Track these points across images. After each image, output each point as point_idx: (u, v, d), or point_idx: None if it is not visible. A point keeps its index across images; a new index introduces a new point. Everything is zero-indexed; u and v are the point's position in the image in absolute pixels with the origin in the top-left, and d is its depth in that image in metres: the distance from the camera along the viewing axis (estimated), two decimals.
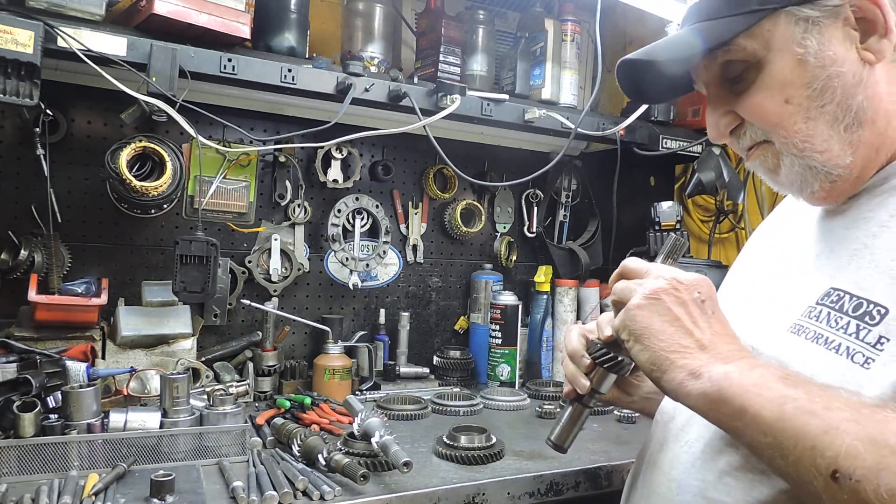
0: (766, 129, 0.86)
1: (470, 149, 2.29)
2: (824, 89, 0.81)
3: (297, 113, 1.95)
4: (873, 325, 0.73)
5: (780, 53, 0.82)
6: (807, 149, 0.83)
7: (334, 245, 2.06)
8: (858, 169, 0.83)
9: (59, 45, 1.33)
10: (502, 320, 2.11)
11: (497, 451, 1.42)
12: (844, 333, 0.75)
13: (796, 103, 0.82)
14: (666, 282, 0.83)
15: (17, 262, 1.62)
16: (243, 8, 1.54)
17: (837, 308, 0.78)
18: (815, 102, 0.81)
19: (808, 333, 0.79)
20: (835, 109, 0.81)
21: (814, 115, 0.82)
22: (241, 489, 1.13)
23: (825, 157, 0.82)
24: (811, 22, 0.80)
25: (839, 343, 0.75)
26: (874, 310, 0.74)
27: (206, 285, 1.59)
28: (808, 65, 0.81)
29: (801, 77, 0.81)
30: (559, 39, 2.12)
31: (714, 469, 0.85)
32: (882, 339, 0.72)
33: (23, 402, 1.23)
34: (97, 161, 1.69)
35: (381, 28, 1.91)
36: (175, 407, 1.35)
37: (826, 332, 0.77)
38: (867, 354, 0.72)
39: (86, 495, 1.10)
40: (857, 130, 0.81)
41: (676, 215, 2.19)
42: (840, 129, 0.81)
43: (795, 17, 0.81)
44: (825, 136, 0.82)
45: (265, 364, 1.83)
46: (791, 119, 0.83)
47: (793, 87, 0.82)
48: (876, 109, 0.81)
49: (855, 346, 0.74)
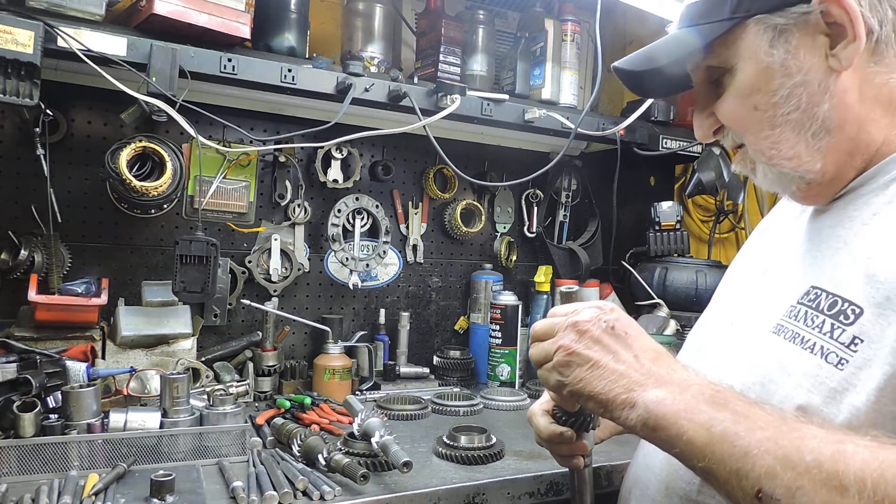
0: (738, 134, 0.89)
1: (470, 149, 2.29)
2: (790, 97, 0.82)
3: (297, 113, 1.95)
4: (847, 324, 0.74)
5: (749, 61, 0.84)
6: (774, 156, 0.85)
7: (334, 245, 2.06)
8: (832, 173, 0.84)
9: (59, 45, 1.33)
10: (502, 320, 2.11)
11: (497, 451, 1.42)
12: (819, 332, 0.76)
13: (763, 110, 0.84)
14: (572, 332, 0.83)
15: (17, 262, 1.62)
16: (243, 8, 1.54)
17: (814, 307, 0.78)
18: (780, 110, 0.82)
19: (787, 333, 0.80)
20: (800, 117, 0.82)
21: (780, 122, 0.83)
22: (241, 489, 1.13)
23: (794, 163, 0.84)
24: (779, 30, 0.81)
25: (814, 342, 0.76)
26: (849, 309, 0.74)
27: (206, 285, 1.59)
28: (775, 73, 0.82)
29: (768, 84, 0.82)
30: (559, 39, 2.12)
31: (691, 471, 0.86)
32: (856, 339, 0.72)
33: (23, 402, 1.23)
34: (97, 161, 1.69)
35: (381, 28, 1.91)
36: (175, 407, 1.35)
37: (803, 332, 0.78)
38: (840, 355, 0.73)
39: (86, 495, 1.10)
40: (824, 137, 0.82)
41: (676, 215, 2.19)
42: (807, 136, 0.82)
43: (765, 26, 0.82)
44: (792, 142, 0.83)
45: (265, 364, 1.83)
46: (759, 125, 0.85)
47: (760, 95, 0.83)
48: (844, 117, 0.81)
49: (829, 346, 0.74)
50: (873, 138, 0.82)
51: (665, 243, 2.20)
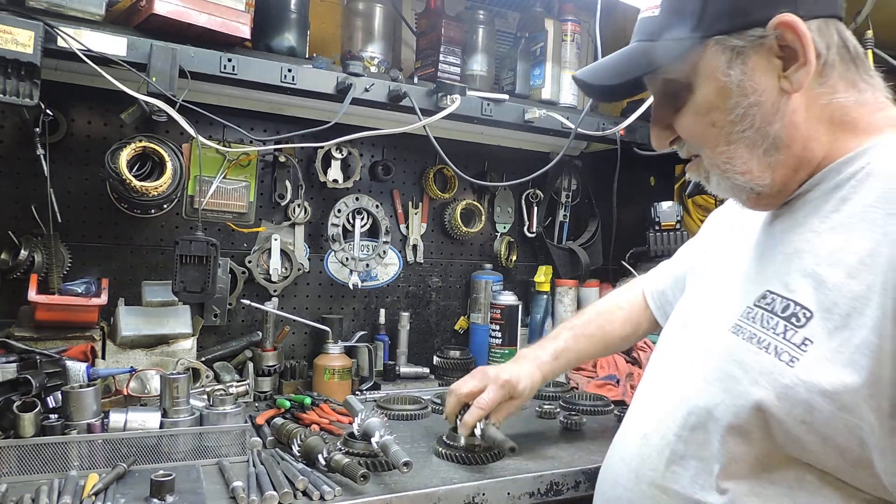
0: (695, 147, 0.95)
1: (470, 149, 2.29)
2: (745, 116, 0.87)
3: (297, 113, 1.95)
4: (799, 326, 0.80)
5: (707, 80, 0.88)
6: (728, 169, 0.90)
7: (334, 245, 2.06)
8: (779, 185, 0.90)
9: (59, 45, 1.33)
10: (502, 320, 2.11)
11: (497, 451, 1.41)
12: (774, 333, 0.83)
13: (720, 127, 0.89)
14: None
15: (17, 262, 1.62)
16: (243, 8, 1.54)
17: (770, 310, 0.85)
18: (736, 127, 0.87)
19: (745, 333, 0.87)
20: (753, 135, 0.87)
21: (735, 139, 0.88)
22: (241, 489, 1.13)
23: (746, 177, 0.90)
24: (736, 52, 0.85)
25: (769, 342, 0.83)
26: (801, 312, 0.81)
27: (206, 285, 1.59)
28: (731, 92, 0.87)
29: (725, 103, 0.87)
30: (559, 39, 2.12)
31: (662, 460, 0.93)
32: (806, 340, 0.79)
33: (23, 402, 1.23)
34: (97, 161, 1.69)
35: (381, 28, 1.91)
36: (175, 407, 1.35)
37: (759, 333, 0.85)
38: (792, 354, 0.79)
39: (86, 495, 1.10)
40: (774, 154, 0.87)
41: (676, 215, 2.19)
42: (759, 152, 0.88)
43: (722, 47, 0.86)
44: (745, 158, 0.89)
45: (265, 364, 1.83)
46: (715, 141, 0.90)
47: (717, 112, 0.88)
48: (792, 136, 0.86)
49: (782, 346, 0.81)
50: (815, 154, 0.88)
51: (665, 243, 2.19)
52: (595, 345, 1.46)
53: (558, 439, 1.59)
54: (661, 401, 1.00)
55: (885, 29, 2.06)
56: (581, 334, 1.46)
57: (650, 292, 1.43)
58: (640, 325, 1.45)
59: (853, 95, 0.88)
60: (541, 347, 1.48)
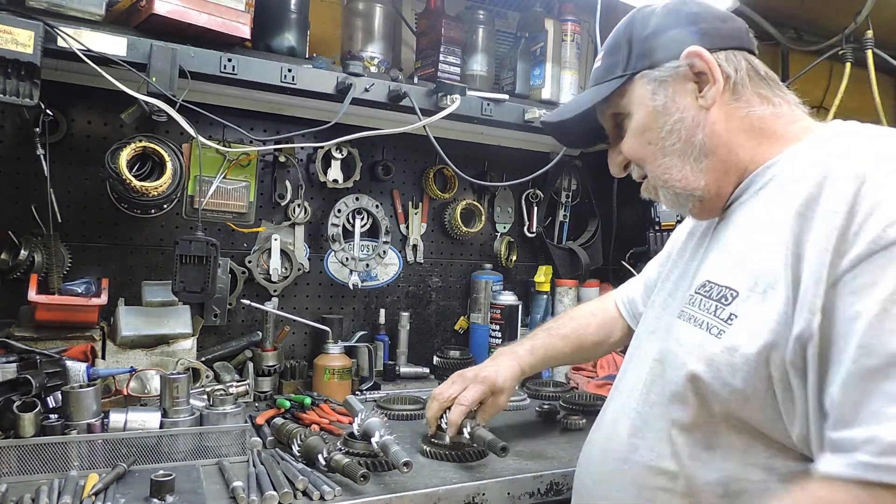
0: (639, 166, 1.11)
1: (470, 149, 2.29)
2: (672, 131, 1.03)
3: (297, 113, 1.95)
4: (726, 304, 0.94)
5: (640, 107, 1.06)
6: (668, 179, 1.06)
7: (334, 245, 2.06)
8: (715, 188, 1.04)
9: (59, 45, 1.33)
10: (502, 320, 2.11)
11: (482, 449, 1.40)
12: (707, 313, 0.97)
13: (654, 143, 1.05)
14: None
15: (17, 262, 1.62)
16: (243, 8, 1.54)
17: (707, 295, 0.99)
18: (667, 142, 1.04)
19: (686, 316, 1.02)
20: (682, 146, 1.03)
21: (668, 152, 1.04)
22: (241, 489, 1.13)
23: (683, 183, 1.05)
24: (659, 81, 1.04)
25: (703, 321, 0.97)
26: (729, 293, 0.95)
27: (206, 285, 1.59)
28: (659, 114, 1.04)
29: (655, 123, 1.05)
30: (559, 39, 2.11)
31: (624, 435, 1.06)
32: (732, 315, 0.93)
33: (23, 402, 1.23)
34: (97, 161, 1.69)
35: (381, 28, 1.91)
36: (175, 407, 1.35)
37: (696, 314, 0.99)
38: (720, 328, 0.93)
39: (86, 495, 1.10)
40: (703, 160, 1.03)
41: (676, 215, 2.19)
42: (690, 160, 1.03)
43: (648, 79, 1.05)
44: (679, 166, 1.04)
45: (265, 364, 1.83)
46: (653, 156, 1.06)
47: (650, 132, 1.06)
48: (716, 143, 1.02)
49: (712, 322, 0.95)
50: (741, 158, 1.03)
51: (665, 243, 2.19)
52: (569, 345, 1.54)
53: (558, 439, 1.60)
54: (623, 385, 1.14)
55: (885, 29, 2.06)
56: (556, 334, 1.56)
57: (621, 301, 1.53)
58: (612, 331, 1.53)
59: (769, 108, 1.03)
60: (517, 344, 1.60)
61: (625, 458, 1.05)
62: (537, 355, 1.52)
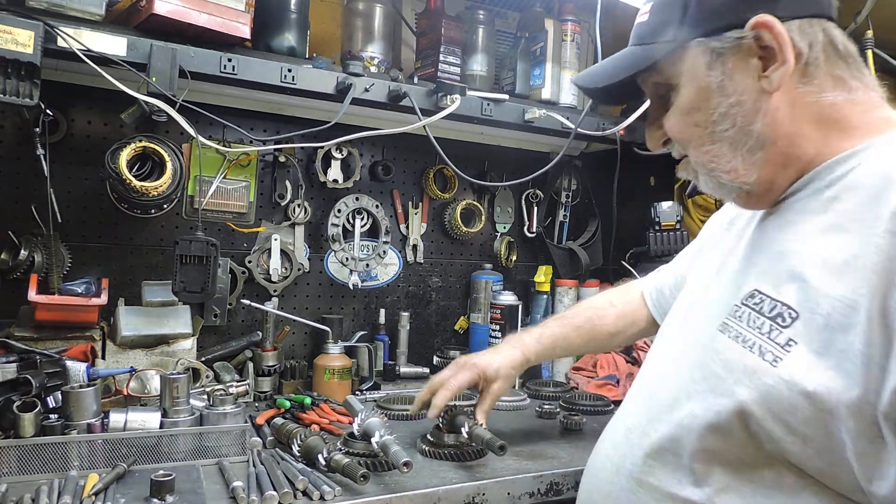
0: (682, 147, 0.96)
1: (470, 149, 2.29)
2: (726, 116, 0.88)
3: (297, 113, 1.95)
4: (784, 327, 0.80)
5: (691, 81, 0.90)
6: (714, 168, 0.92)
7: (334, 245, 2.06)
8: (767, 183, 0.91)
9: (59, 45, 1.33)
10: (502, 320, 2.11)
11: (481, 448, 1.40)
12: (759, 333, 0.83)
13: (703, 126, 0.90)
14: None
15: (17, 262, 1.62)
16: (243, 8, 1.54)
17: (757, 310, 0.85)
18: (718, 127, 0.89)
19: (731, 332, 0.87)
20: (735, 134, 0.88)
21: (718, 139, 0.89)
22: (241, 489, 1.13)
23: (731, 175, 0.91)
24: (716, 53, 0.87)
25: (754, 342, 0.83)
26: (786, 312, 0.81)
27: (206, 285, 1.59)
28: (712, 93, 0.88)
29: (707, 103, 0.89)
30: (559, 39, 2.11)
31: (640, 454, 0.94)
32: (791, 341, 0.79)
33: (23, 402, 1.23)
34: (97, 161, 1.69)
35: (381, 28, 1.91)
36: (175, 407, 1.35)
37: (745, 332, 0.85)
38: (776, 354, 0.79)
39: (86, 495, 1.10)
40: (758, 152, 0.88)
41: (676, 215, 2.19)
42: (743, 151, 0.89)
43: (703, 49, 0.88)
44: (729, 157, 0.90)
45: (265, 364, 1.83)
46: (699, 140, 0.92)
47: (699, 113, 0.90)
48: (776, 134, 0.87)
49: (766, 346, 0.81)
50: (805, 151, 0.88)
51: (665, 243, 2.19)
52: (582, 336, 1.46)
53: (558, 439, 1.59)
54: (647, 395, 1.01)
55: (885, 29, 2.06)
56: (569, 324, 1.48)
57: (648, 291, 1.43)
58: (634, 322, 1.44)
59: (843, 94, 0.87)
60: (525, 332, 1.52)
61: (639, 479, 0.94)
62: (545, 344, 1.45)
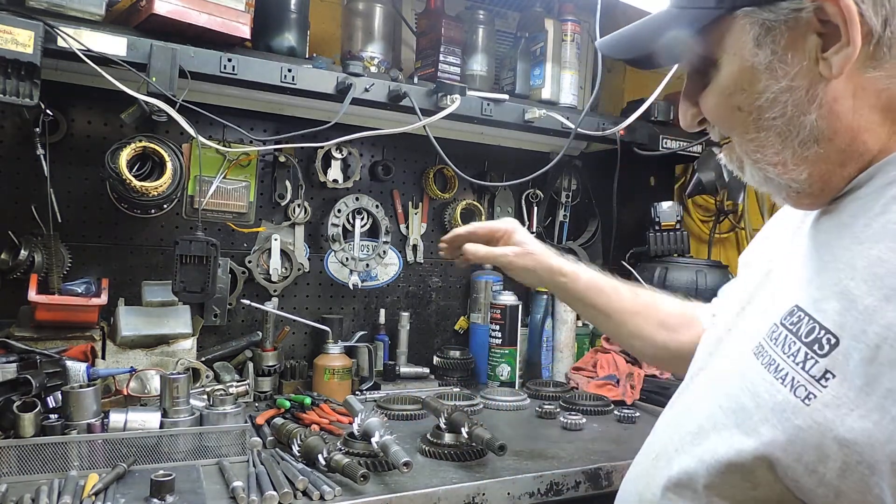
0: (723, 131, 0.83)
1: (470, 149, 2.29)
2: (774, 102, 0.74)
3: (297, 113, 1.95)
4: (821, 355, 0.66)
5: (734, 57, 0.76)
6: (759, 159, 0.78)
7: (334, 245, 2.06)
8: (820, 182, 0.76)
9: (59, 45, 1.33)
10: (502, 320, 2.11)
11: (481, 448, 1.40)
12: (794, 362, 0.69)
13: (746, 111, 0.77)
14: None
15: (17, 262, 1.62)
16: (243, 8, 1.54)
17: (794, 332, 0.71)
18: (765, 114, 0.75)
19: (765, 358, 0.74)
20: (785, 124, 0.74)
21: (765, 127, 0.76)
22: (241, 489, 1.13)
23: (778, 170, 0.77)
24: (767, 27, 0.72)
25: (787, 373, 0.69)
26: (825, 338, 0.66)
27: (206, 285, 1.59)
28: (759, 73, 0.74)
29: (752, 86, 0.75)
30: (559, 39, 2.12)
31: (660, 484, 0.83)
32: (828, 373, 0.65)
33: (23, 402, 1.23)
34: (97, 161, 1.69)
35: (381, 28, 1.91)
36: (175, 407, 1.35)
37: (778, 359, 0.71)
38: (809, 389, 0.66)
39: (86, 495, 1.10)
40: (812, 147, 0.74)
41: (676, 215, 2.20)
42: (794, 143, 0.75)
43: (752, 21, 0.73)
44: (777, 148, 0.76)
45: (265, 364, 1.83)
46: (743, 126, 0.78)
47: (743, 95, 0.76)
48: (834, 128, 0.73)
49: (798, 377, 0.68)
50: (868, 148, 0.74)
51: (665, 243, 2.20)
52: (635, 303, 1.29)
53: (558, 439, 1.60)
54: (677, 421, 0.89)
55: None
56: (618, 285, 1.31)
57: (706, 314, 1.21)
58: (688, 327, 1.23)
59: None
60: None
61: None
62: (581, 274, 1.29)
